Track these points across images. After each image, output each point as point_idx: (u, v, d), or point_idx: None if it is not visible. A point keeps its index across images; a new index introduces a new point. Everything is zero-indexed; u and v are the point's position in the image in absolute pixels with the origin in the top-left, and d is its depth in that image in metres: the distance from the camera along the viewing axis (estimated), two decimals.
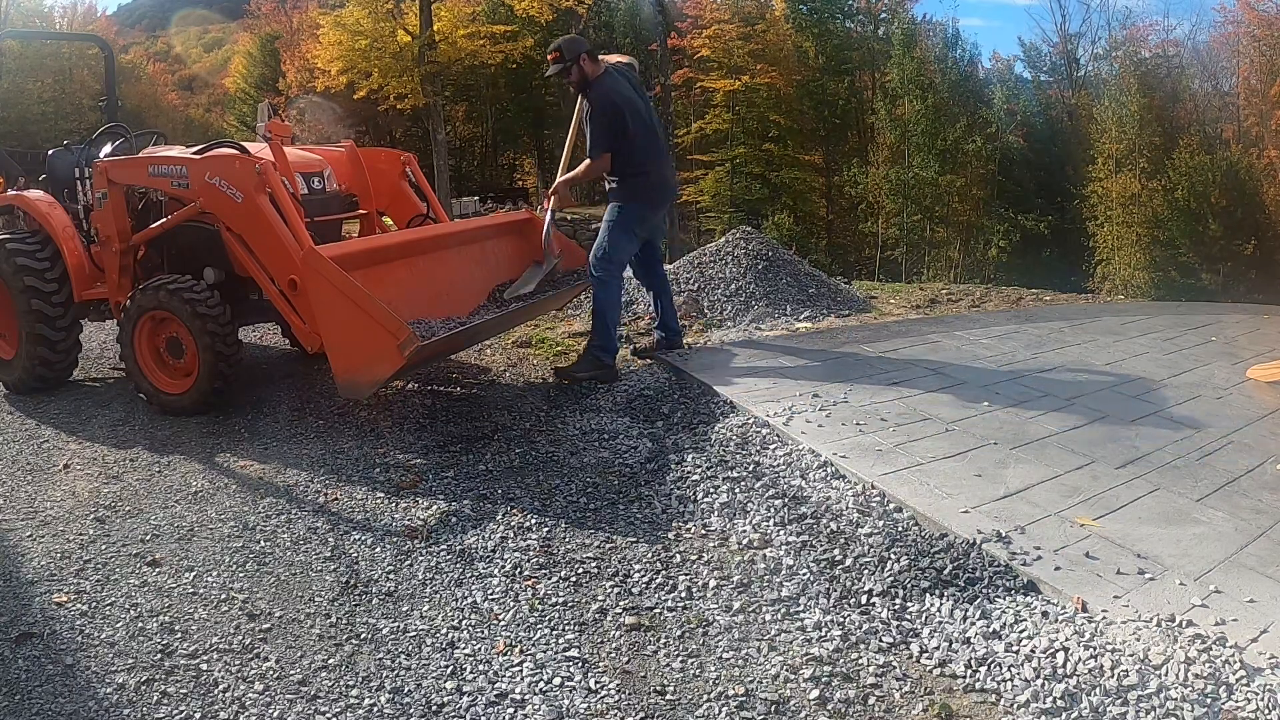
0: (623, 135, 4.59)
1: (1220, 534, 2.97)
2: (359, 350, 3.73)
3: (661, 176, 4.85)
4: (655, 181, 4.79)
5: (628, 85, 4.79)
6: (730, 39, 30.93)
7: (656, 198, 4.85)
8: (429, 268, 4.51)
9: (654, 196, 4.82)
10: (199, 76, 51.28)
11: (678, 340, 5.17)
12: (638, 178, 4.70)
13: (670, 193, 5.10)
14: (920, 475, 3.35)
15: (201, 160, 4.45)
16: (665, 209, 5.13)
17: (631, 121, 4.61)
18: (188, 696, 2.36)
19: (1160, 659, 2.29)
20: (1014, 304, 7.11)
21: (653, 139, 4.79)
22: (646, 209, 4.77)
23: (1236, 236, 23.36)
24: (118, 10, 77.52)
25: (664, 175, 4.90)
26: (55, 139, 11.54)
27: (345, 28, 23.78)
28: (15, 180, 5.71)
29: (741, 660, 2.48)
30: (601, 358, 4.69)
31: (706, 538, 3.11)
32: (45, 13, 35.96)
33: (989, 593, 2.66)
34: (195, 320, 4.27)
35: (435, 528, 3.24)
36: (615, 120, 4.58)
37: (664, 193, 4.95)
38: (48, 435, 4.38)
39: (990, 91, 30.02)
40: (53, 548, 3.17)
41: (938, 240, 28.80)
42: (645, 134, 4.71)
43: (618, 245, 4.68)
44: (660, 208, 4.97)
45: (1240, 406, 4.37)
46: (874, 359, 4.87)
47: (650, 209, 4.81)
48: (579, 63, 4.65)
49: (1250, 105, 26.97)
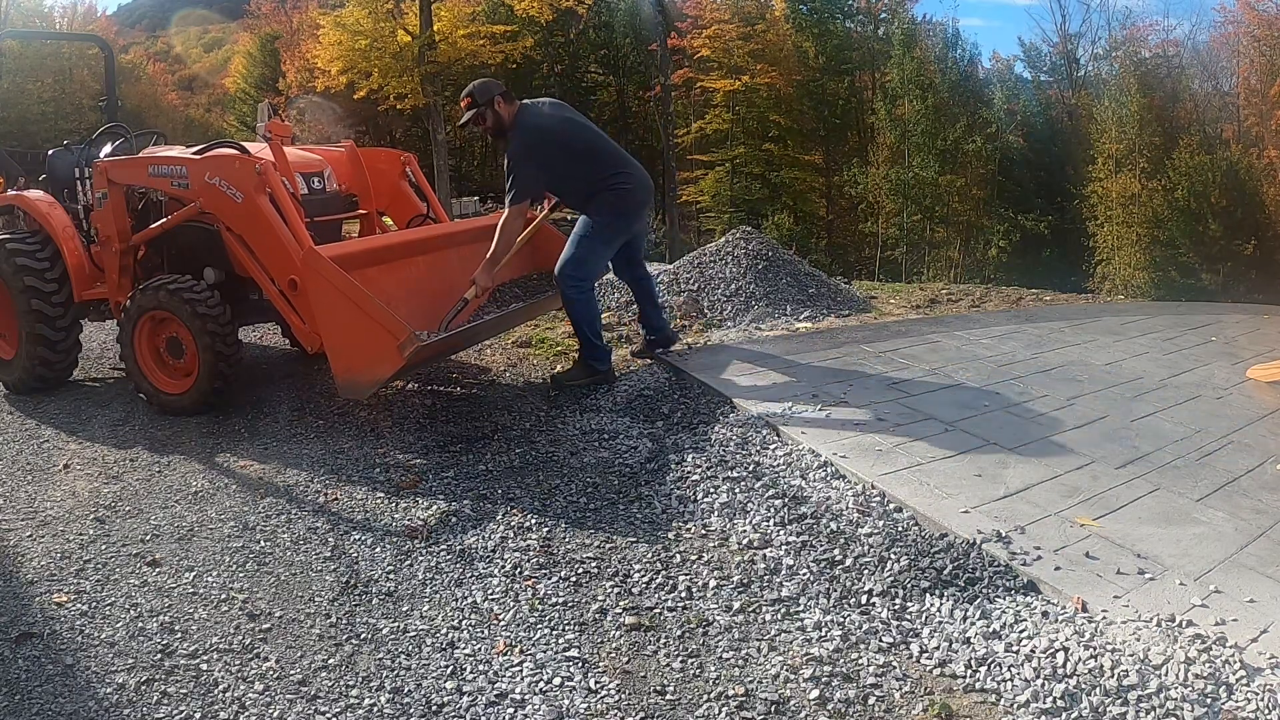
0: (560, 162, 4.34)
1: (1220, 534, 2.98)
2: (359, 350, 3.73)
3: (636, 181, 4.55)
4: (631, 188, 4.50)
5: (551, 107, 4.55)
6: (730, 39, 30.92)
7: (635, 204, 4.57)
8: (429, 268, 4.51)
9: (632, 204, 4.54)
10: (199, 76, 51.27)
11: (665, 337, 5.00)
12: (611, 191, 4.44)
13: (648, 195, 4.73)
14: (920, 475, 3.35)
15: (201, 160, 4.45)
16: (646, 213, 4.85)
17: (572, 140, 4.38)
18: (188, 696, 2.36)
19: (1160, 659, 2.29)
20: (1014, 304, 7.11)
21: (610, 149, 4.56)
22: (628, 220, 4.56)
23: (1236, 236, 23.35)
24: (118, 10, 77.52)
25: (638, 179, 4.58)
26: (55, 139, 11.53)
27: (345, 28, 23.78)
28: (15, 180, 5.71)
29: (741, 660, 2.48)
30: (595, 365, 4.60)
31: (706, 538, 3.11)
32: (45, 13, 35.97)
33: (989, 593, 2.66)
34: (195, 320, 4.27)
35: (435, 528, 3.24)
36: (540, 150, 4.31)
37: (643, 197, 4.64)
38: (48, 435, 4.38)
39: (990, 91, 30.00)
40: (53, 548, 3.17)
41: (938, 240, 28.79)
42: (599, 146, 4.50)
43: (591, 260, 4.46)
44: (641, 213, 4.70)
45: (1240, 406, 4.37)
46: (874, 359, 4.86)
47: (630, 219, 4.58)
48: (492, 107, 4.37)
49: (1250, 105, 26.96)
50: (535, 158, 4.33)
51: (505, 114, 4.40)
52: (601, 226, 4.47)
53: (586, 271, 4.47)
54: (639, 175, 4.61)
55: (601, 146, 4.57)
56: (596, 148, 4.53)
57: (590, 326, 4.55)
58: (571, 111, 4.65)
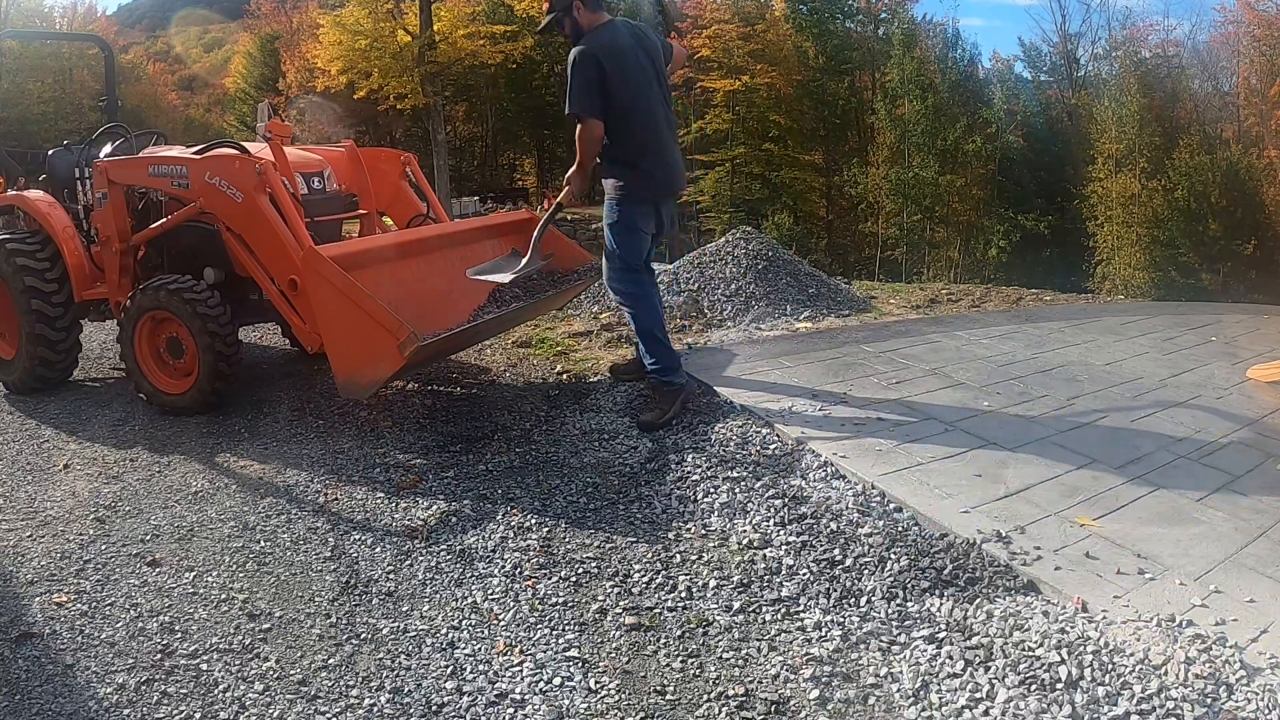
0: (610, 93, 3.79)
1: (1220, 534, 2.97)
2: (359, 350, 3.73)
3: (661, 165, 4.03)
4: (651, 172, 4.00)
5: (629, 38, 3.96)
6: (730, 39, 30.96)
7: (657, 191, 4.07)
8: (429, 268, 4.51)
9: (652, 190, 4.05)
10: (199, 76, 51.32)
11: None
12: (631, 169, 3.94)
13: (676, 182, 4.23)
14: (920, 475, 3.35)
15: (201, 160, 4.45)
16: (672, 200, 4.25)
17: (621, 78, 3.80)
18: (188, 696, 2.36)
19: (1160, 659, 2.29)
20: (1014, 304, 7.10)
21: (649, 117, 3.97)
22: (647, 206, 4.06)
23: (1236, 236, 23.38)
24: (118, 10, 77.59)
25: (664, 162, 4.06)
26: (55, 139, 11.55)
27: (345, 28, 23.82)
28: (15, 180, 5.72)
29: (741, 660, 2.48)
30: (671, 380, 4.02)
31: (706, 538, 3.11)
32: (45, 13, 36.04)
33: (989, 593, 2.66)
34: (195, 320, 4.27)
35: (435, 528, 3.24)
36: (590, 73, 3.76)
37: (667, 184, 4.13)
38: (48, 435, 4.38)
39: (990, 91, 30.04)
40: (53, 548, 3.17)
41: (938, 240, 28.83)
42: (640, 104, 3.91)
43: (628, 248, 4.02)
44: (665, 201, 4.15)
45: (1240, 406, 4.37)
46: (874, 359, 4.86)
47: (651, 206, 4.08)
48: (572, 11, 3.92)
49: (1250, 105, 26.99)
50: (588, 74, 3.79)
51: (586, 23, 3.93)
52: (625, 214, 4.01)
53: (631, 260, 4.02)
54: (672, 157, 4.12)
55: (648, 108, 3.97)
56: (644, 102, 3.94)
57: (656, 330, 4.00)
58: (646, 48, 4.04)
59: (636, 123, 3.91)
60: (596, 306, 6.12)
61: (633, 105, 3.88)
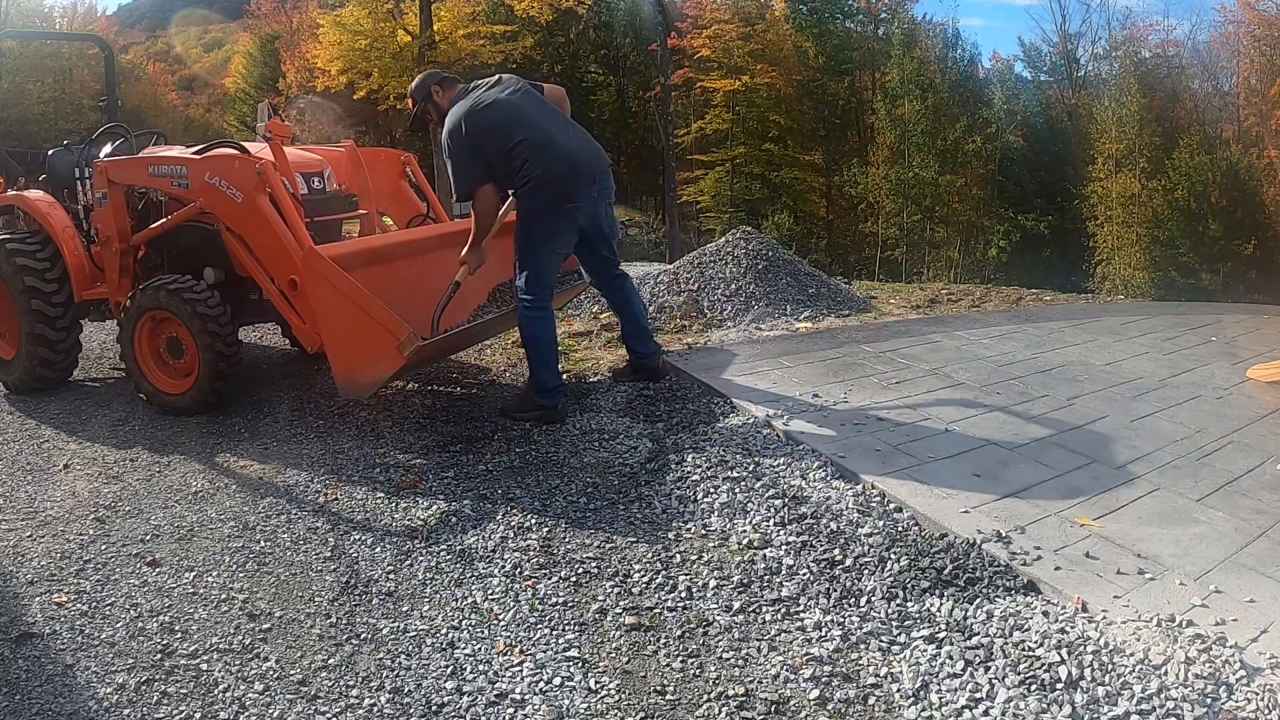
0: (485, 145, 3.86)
1: (1220, 534, 2.97)
2: (359, 350, 3.73)
3: (558, 159, 3.91)
4: (546, 174, 3.89)
5: (484, 88, 4.04)
6: (730, 39, 30.93)
7: (556, 194, 3.94)
8: (429, 268, 4.50)
9: (551, 195, 3.93)
10: (199, 76, 51.28)
11: (650, 364, 4.48)
12: (527, 183, 3.91)
13: (582, 162, 4.01)
14: (920, 475, 3.35)
15: (201, 160, 4.45)
16: (582, 195, 4.02)
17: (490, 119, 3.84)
18: (188, 696, 2.36)
19: (1160, 659, 2.29)
20: (1014, 304, 7.10)
21: (532, 129, 3.92)
22: (550, 216, 3.98)
23: (1236, 236, 23.37)
24: (118, 10, 77.52)
25: (561, 152, 3.93)
26: (55, 139, 11.54)
27: (345, 28, 23.79)
28: (15, 180, 5.72)
29: (741, 660, 2.48)
30: (538, 399, 4.09)
31: (706, 538, 3.11)
32: (45, 13, 36.01)
33: (989, 593, 2.66)
34: (195, 320, 4.27)
35: (435, 528, 3.24)
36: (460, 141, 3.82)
37: (572, 171, 3.96)
38: (48, 435, 4.38)
39: (990, 91, 30.02)
40: (53, 548, 3.17)
41: (938, 240, 28.81)
42: (519, 128, 3.89)
43: (533, 267, 3.99)
44: (569, 199, 3.98)
45: (1240, 406, 4.37)
46: (874, 359, 4.87)
47: (554, 213, 3.98)
48: (432, 98, 4.08)
49: (1250, 105, 26.98)
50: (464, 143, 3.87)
51: (445, 104, 4.06)
52: (528, 229, 3.99)
53: (532, 285, 4.00)
54: (561, 151, 3.95)
55: (534, 126, 3.92)
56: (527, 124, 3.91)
57: (543, 349, 4.07)
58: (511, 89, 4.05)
59: (522, 148, 3.90)
60: (596, 307, 6.12)
61: (510, 134, 3.90)
